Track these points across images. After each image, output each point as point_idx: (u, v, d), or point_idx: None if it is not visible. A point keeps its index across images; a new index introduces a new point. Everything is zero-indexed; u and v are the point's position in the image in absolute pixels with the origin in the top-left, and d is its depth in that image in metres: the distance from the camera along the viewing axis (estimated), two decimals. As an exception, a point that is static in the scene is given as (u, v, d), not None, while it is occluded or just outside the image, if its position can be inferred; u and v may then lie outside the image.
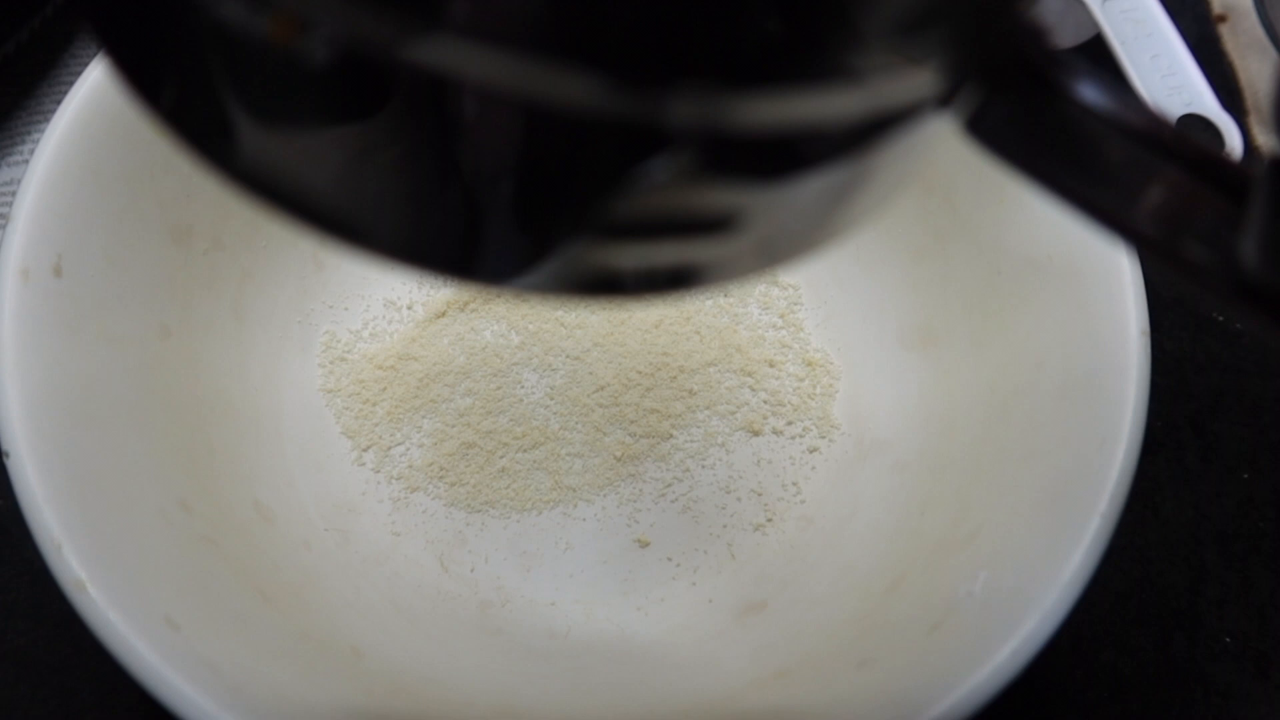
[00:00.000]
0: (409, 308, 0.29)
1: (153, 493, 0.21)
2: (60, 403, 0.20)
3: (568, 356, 0.28)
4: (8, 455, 0.19)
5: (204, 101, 0.10)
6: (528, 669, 0.24)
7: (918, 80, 0.10)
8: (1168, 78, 0.30)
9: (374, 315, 0.29)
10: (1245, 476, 0.28)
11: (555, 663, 0.24)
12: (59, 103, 0.23)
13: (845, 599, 0.24)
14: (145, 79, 0.10)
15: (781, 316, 0.29)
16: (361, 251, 0.10)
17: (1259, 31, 0.33)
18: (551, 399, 0.28)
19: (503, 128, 0.09)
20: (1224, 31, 0.33)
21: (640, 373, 0.28)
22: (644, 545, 0.26)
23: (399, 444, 0.27)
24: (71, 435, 0.20)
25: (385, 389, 0.28)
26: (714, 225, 0.10)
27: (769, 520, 0.27)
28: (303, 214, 0.10)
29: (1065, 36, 0.33)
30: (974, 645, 0.20)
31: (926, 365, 0.27)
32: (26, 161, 0.29)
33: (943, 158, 0.26)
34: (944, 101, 0.10)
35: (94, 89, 0.23)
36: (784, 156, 0.10)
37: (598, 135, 0.09)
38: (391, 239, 0.10)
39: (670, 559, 0.26)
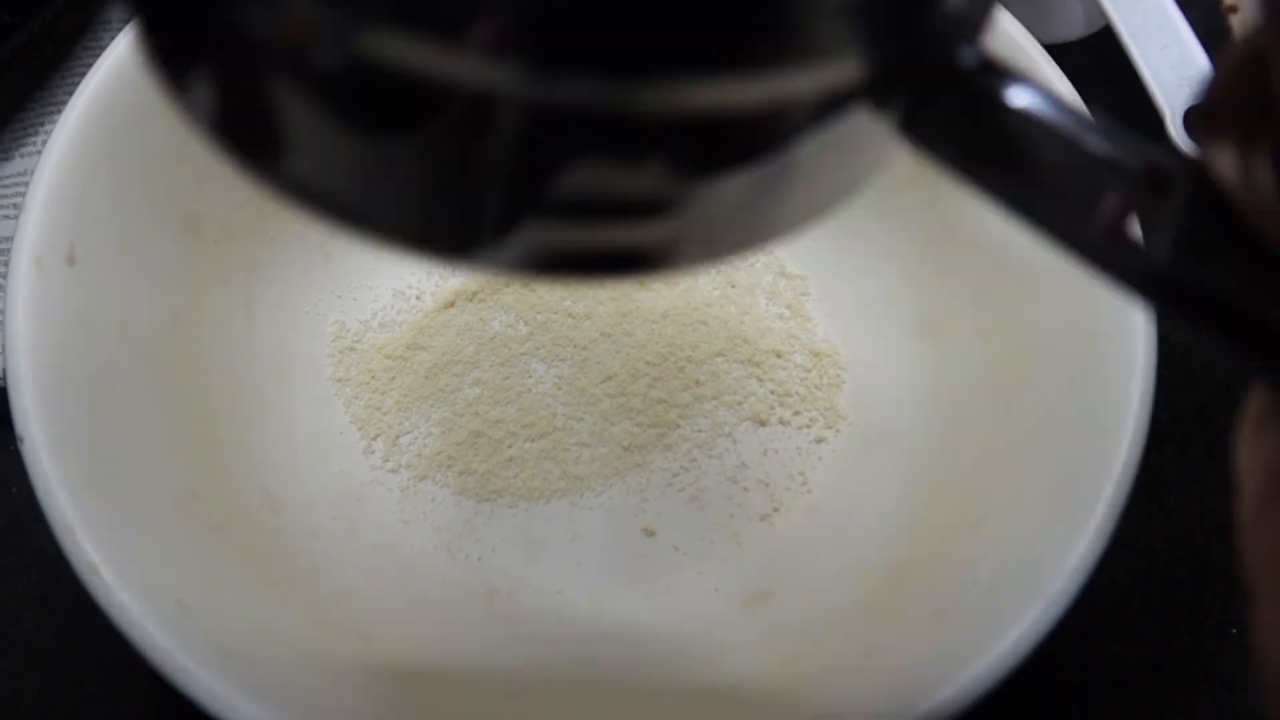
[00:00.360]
0: (418, 298, 0.29)
1: (164, 480, 0.22)
2: (73, 390, 0.21)
3: (575, 347, 0.28)
4: (22, 441, 0.19)
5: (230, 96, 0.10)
6: (535, 656, 0.24)
7: (833, 74, 0.10)
8: (1177, 68, 0.30)
9: (383, 305, 0.29)
10: (1252, 469, 0.28)
11: (562, 650, 0.24)
12: (71, 94, 0.23)
13: (851, 587, 0.24)
14: (174, 64, 0.11)
15: (788, 307, 0.29)
16: (346, 229, 0.11)
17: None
18: (559, 389, 0.28)
19: (445, 118, 0.10)
20: (1234, 22, 0.33)
21: (648, 363, 0.28)
22: (651, 534, 0.26)
23: (407, 433, 0.27)
24: (84, 422, 0.21)
25: (394, 378, 0.28)
26: (647, 208, 0.10)
27: (776, 510, 0.27)
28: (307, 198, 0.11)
29: (1075, 27, 0.33)
30: (979, 633, 0.20)
31: (933, 356, 0.27)
32: (39, 152, 0.29)
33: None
34: (873, 99, 0.10)
35: (106, 80, 0.23)
36: (703, 141, 0.10)
37: (524, 118, 0.09)
38: (376, 218, 0.11)
39: (677, 548, 0.26)
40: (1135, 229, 0.10)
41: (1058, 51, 0.25)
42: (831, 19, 0.09)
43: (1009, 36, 0.25)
